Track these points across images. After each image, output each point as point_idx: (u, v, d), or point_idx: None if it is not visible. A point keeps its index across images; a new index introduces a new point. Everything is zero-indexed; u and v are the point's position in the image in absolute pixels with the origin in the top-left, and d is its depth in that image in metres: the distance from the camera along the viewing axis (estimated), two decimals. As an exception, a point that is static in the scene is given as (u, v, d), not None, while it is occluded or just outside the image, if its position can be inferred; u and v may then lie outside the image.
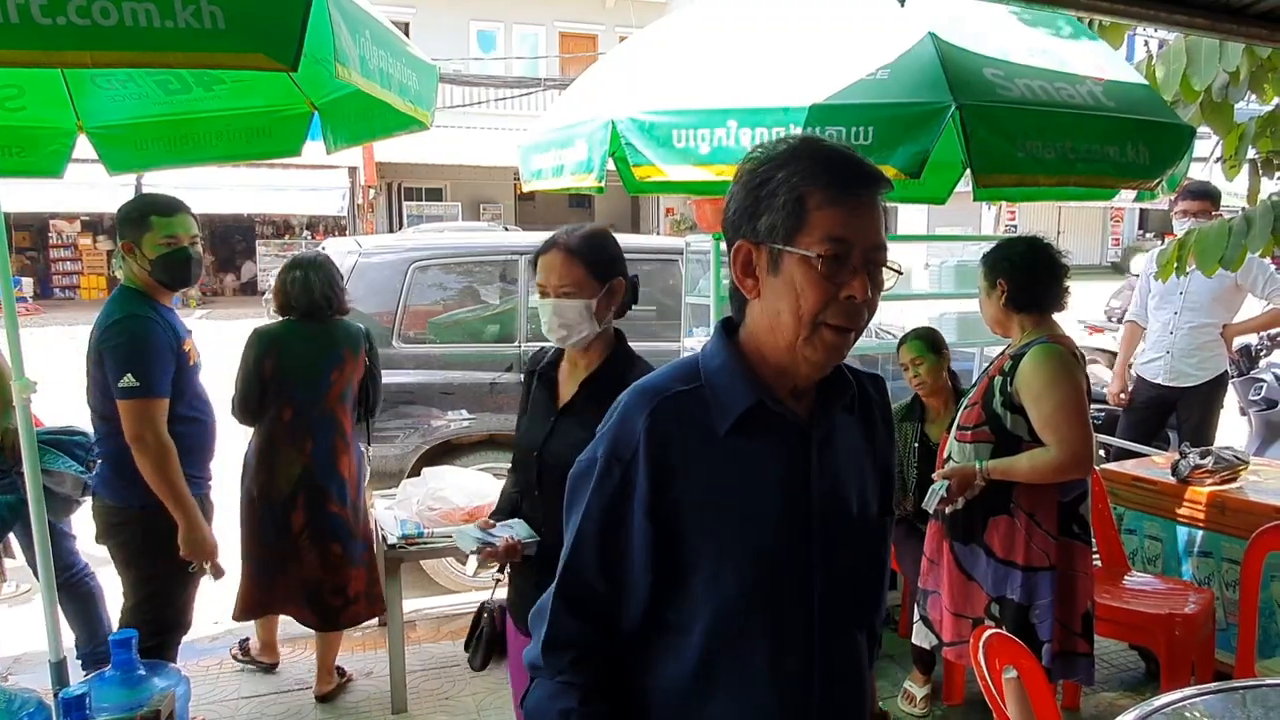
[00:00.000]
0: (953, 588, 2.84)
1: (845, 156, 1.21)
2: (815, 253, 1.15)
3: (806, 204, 1.16)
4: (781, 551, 1.22)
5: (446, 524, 3.52)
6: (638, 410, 1.21)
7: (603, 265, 2.04)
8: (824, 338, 1.18)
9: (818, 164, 1.18)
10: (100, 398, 2.82)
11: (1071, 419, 2.58)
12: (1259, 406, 5.36)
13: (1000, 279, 2.76)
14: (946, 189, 4.34)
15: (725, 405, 1.21)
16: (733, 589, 1.21)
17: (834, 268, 1.16)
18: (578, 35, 23.21)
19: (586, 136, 3.05)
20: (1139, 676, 3.72)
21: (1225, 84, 3.74)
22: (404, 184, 22.12)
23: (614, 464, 1.21)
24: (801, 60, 2.89)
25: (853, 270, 1.16)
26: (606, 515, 1.21)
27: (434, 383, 4.71)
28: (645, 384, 1.26)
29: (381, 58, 2.38)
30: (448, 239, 6.59)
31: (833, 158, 1.19)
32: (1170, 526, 3.66)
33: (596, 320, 2.02)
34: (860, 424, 1.34)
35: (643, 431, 1.19)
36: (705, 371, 1.25)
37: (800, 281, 1.17)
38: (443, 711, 3.49)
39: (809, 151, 1.20)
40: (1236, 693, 2.11)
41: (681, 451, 1.20)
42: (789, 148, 1.21)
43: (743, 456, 1.21)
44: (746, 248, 1.22)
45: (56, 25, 1.69)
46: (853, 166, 1.20)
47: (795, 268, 1.17)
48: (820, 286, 1.16)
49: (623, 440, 1.21)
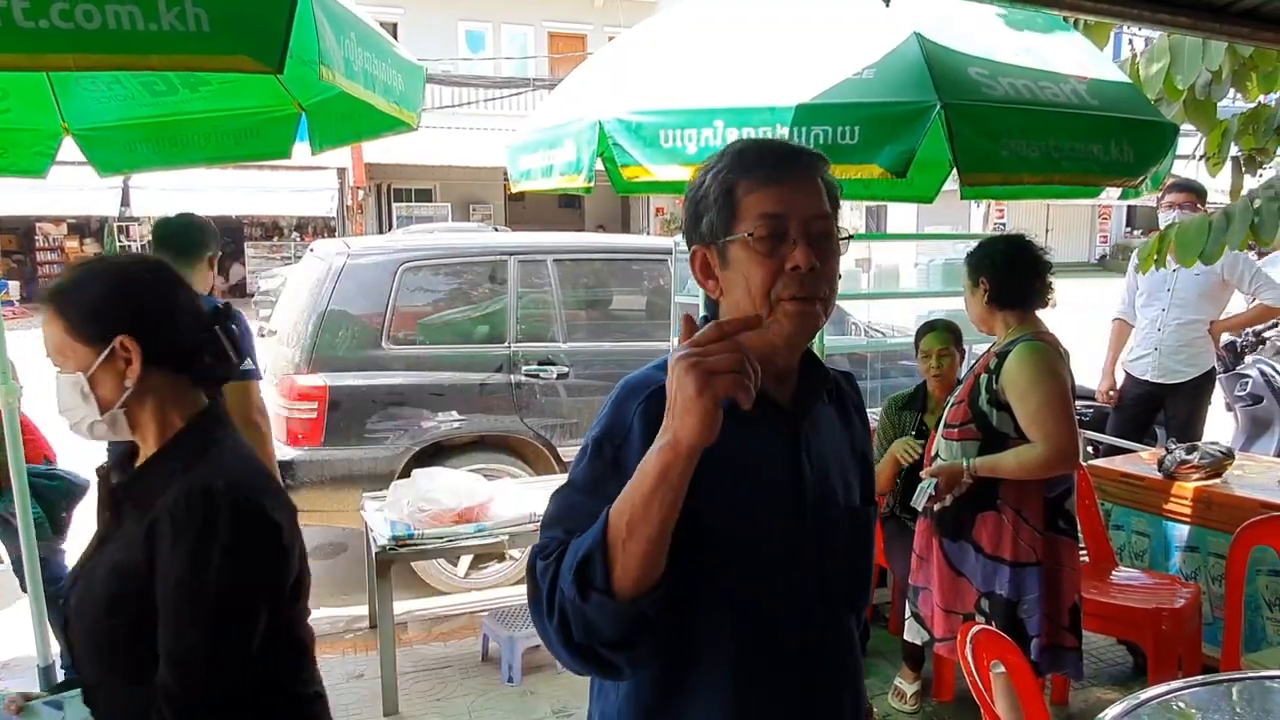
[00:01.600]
0: (943, 584, 2.86)
1: (768, 144, 1.27)
2: (748, 232, 1.20)
3: (735, 194, 1.22)
4: (775, 539, 1.24)
5: (437, 525, 3.52)
6: (630, 400, 1.21)
7: (94, 318, 1.40)
8: (785, 310, 1.20)
9: (741, 156, 1.23)
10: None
11: (1056, 415, 2.60)
12: (1244, 402, 5.39)
13: (982, 277, 2.79)
14: (934, 188, 4.35)
15: None
16: (728, 577, 1.21)
17: (771, 243, 1.19)
18: (566, 35, 23.20)
19: (574, 137, 3.06)
20: (1126, 671, 3.74)
21: (1208, 82, 3.77)
22: (393, 185, 22.06)
23: (605, 444, 1.20)
24: (787, 60, 2.90)
25: (792, 242, 1.19)
26: (595, 479, 1.18)
27: (424, 384, 4.70)
28: (636, 377, 1.27)
29: (366, 59, 2.37)
30: (437, 240, 6.59)
31: (755, 147, 1.25)
32: (1157, 522, 3.69)
33: (98, 400, 1.40)
34: (837, 416, 1.37)
35: (637, 415, 1.19)
36: None
37: (745, 264, 1.20)
38: (435, 713, 3.49)
39: (733, 149, 1.25)
40: (1223, 685, 2.13)
41: None
42: (717, 153, 1.27)
43: (735, 445, 1.19)
44: (700, 252, 1.27)
45: (39, 28, 1.68)
46: (775, 149, 1.25)
47: (738, 254, 1.21)
48: (761, 263, 1.19)
49: (615, 424, 1.21)
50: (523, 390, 4.85)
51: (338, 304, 4.63)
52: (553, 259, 5.15)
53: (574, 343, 5.04)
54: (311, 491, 4.49)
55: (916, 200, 4.59)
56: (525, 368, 4.87)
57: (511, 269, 5.00)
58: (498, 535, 3.59)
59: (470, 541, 3.61)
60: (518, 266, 5.03)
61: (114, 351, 1.39)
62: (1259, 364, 5.40)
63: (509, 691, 3.62)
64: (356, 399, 4.58)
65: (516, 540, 3.68)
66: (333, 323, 4.60)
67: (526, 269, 5.07)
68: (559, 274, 5.13)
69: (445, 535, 3.52)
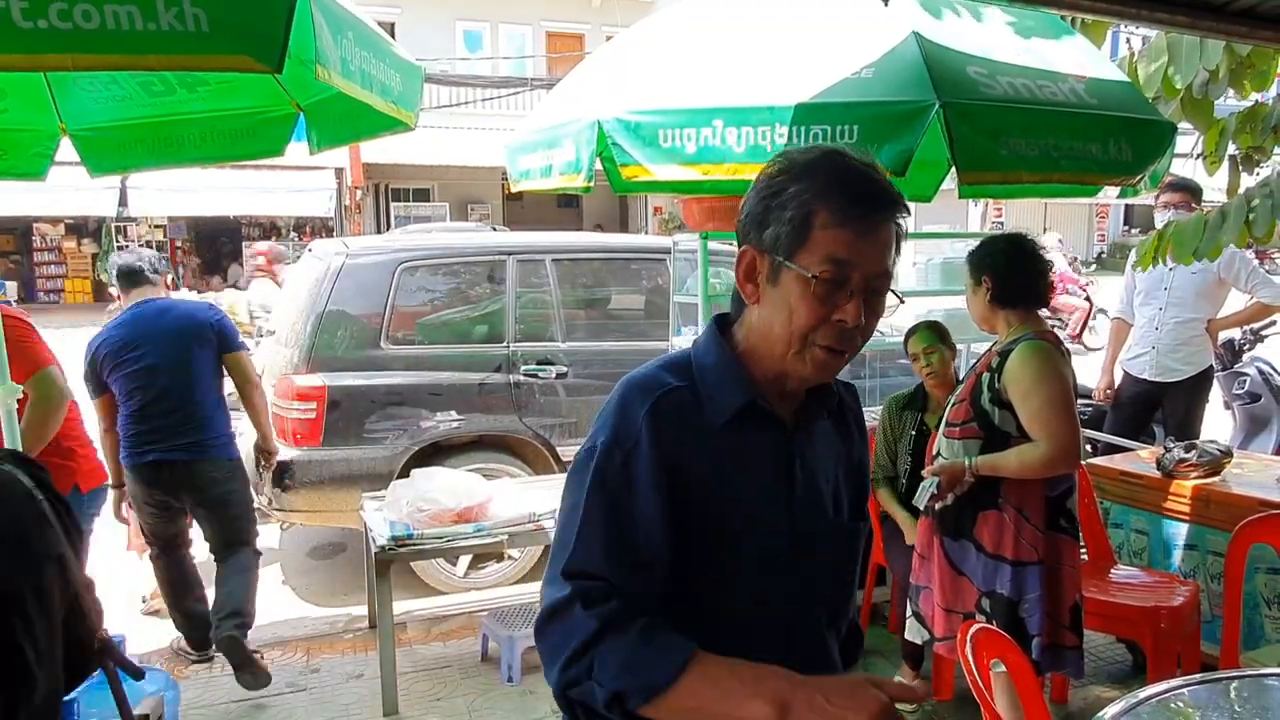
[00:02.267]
0: (944, 583, 2.85)
1: (863, 176, 1.19)
2: (812, 273, 1.16)
3: (813, 221, 1.16)
4: (764, 548, 1.24)
5: (436, 525, 3.51)
6: (638, 402, 1.20)
7: None
8: (814, 355, 1.19)
9: (832, 182, 1.17)
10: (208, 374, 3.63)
11: (1059, 414, 2.60)
12: (1242, 400, 5.40)
13: (985, 276, 2.78)
14: (932, 187, 4.36)
15: (718, 402, 1.22)
16: (727, 582, 1.22)
17: (830, 290, 1.16)
18: (564, 35, 23.18)
19: (573, 137, 3.05)
20: (1126, 669, 3.74)
21: (1205, 81, 3.77)
22: (391, 185, 22.02)
23: (614, 450, 1.18)
24: (787, 59, 2.90)
25: (849, 294, 1.16)
26: (612, 497, 1.17)
27: (423, 384, 4.70)
28: (640, 378, 1.25)
29: (364, 59, 2.37)
30: (435, 240, 6.58)
31: (849, 177, 1.18)
32: (1156, 520, 3.69)
33: None
34: (837, 429, 1.37)
35: (645, 420, 1.18)
36: (698, 368, 1.26)
37: (795, 298, 1.17)
38: (434, 713, 3.49)
39: (827, 167, 1.19)
40: (1222, 683, 2.13)
41: (683, 442, 1.19)
42: (809, 160, 1.20)
43: (735, 452, 1.22)
44: (751, 254, 1.22)
45: (37, 28, 1.68)
46: (867, 188, 1.18)
47: (792, 283, 1.17)
48: (813, 307, 1.16)
49: (623, 428, 1.19)
50: (521, 390, 4.85)
51: (336, 304, 4.63)
52: (551, 258, 5.15)
53: (573, 342, 5.04)
54: (310, 492, 4.50)
55: (914, 199, 4.59)
56: (524, 367, 4.87)
57: (510, 269, 5.00)
58: (497, 535, 3.59)
59: (469, 541, 3.61)
60: (516, 266, 5.03)
61: None
62: (1257, 362, 5.41)
63: (509, 691, 3.62)
64: (355, 399, 4.58)
65: (516, 540, 3.68)
66: (331, 323, 4.60)
67: (525, 269, 5.07)
68: (558, 273, 5.13)
69: (444, 535, 3.52)
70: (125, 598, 4.50)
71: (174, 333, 3.62)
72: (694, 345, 1.31)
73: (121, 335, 3.61)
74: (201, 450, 3.60)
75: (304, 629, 4.35)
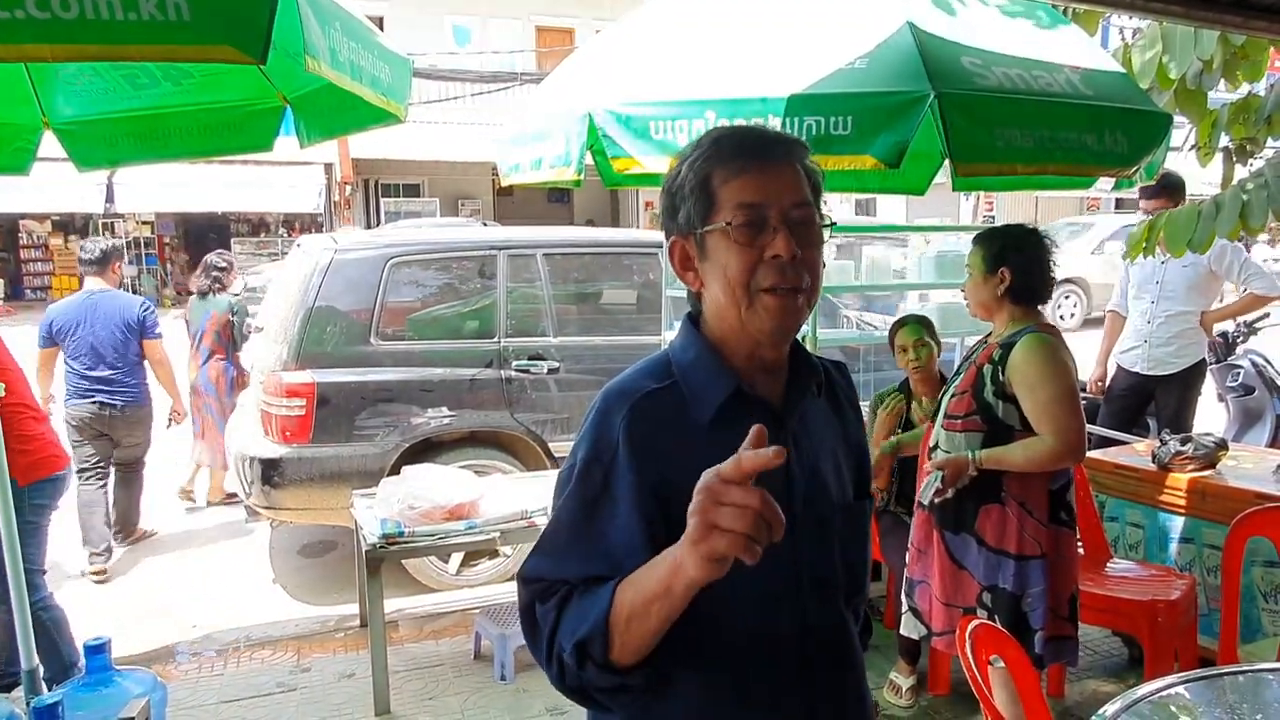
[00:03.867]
0: (943, 577, 2.81)
1: (746, 131, 1.24)
2: (727, 221, 1.17)
3: (712, 183, 1.19)
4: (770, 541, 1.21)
5: (428, 523, 3.48)
6: (615, 411, 1.19)
7: None
8: (765, 303, 1.18)
9: (718, 145, 1.21)
10: (130, 346, 4.97)
11: (1066, 408, 2.57)
12: (1236, 393, 5.40)
13: (1004, 269, 2.71)
14: (925, 180, 4.33)
15: (703, 397, 1.21)
16: (723, 582, 1.18)
17: (750, 232, 1.17)
18: (555, 29, 23.09)
19: (564, 129, 3.02)
20: (1122, 663, 3.74)
21: (1199, 72, 3.76)
22: (381, 180, 21.93)
23: (593, 465, 1.18)
24: (780, 50, 2.87)
25: (772, 230, 1.17)
26: (586, 509, 1.17)
27: (413, 380, 4.66)
28: (618, 385, 1.24)
29: (352, 50, 2.33)
30: (425, 235, 6.53)
31: (731, 135, 1.23)
32: (1152, 513, 3.68)
33: None
34: (830, 409, 1.35)
35: (622, 430, 1.16)
36: (678, 367, 1.24)
37: (723, 254, 1.19)
38: (427, 712, 3.46)
39: (709, 138, 1.23)
40: (1220, 679, 2.11)
41: (665, 449, 1.17)
42: (694, 142, 1.24)
43: (725, 448, 1.17)
44: (678, 244, 1.25)
45: (14, 19, 1.64)
46: (752, 137, 1.23)
47: (718, 244, 1.19)
48: (740, 252, 1.17)
49: (601, 441, 1.18)
50: (513, 385, 4.82)
51: (325, 300, 4.58)
52: (542, 253, 5.11)
53: (564, 337, 5.01)
54: (300, 489, 4.45)
55: (908, 192, 4.57)
56: (516, 363, 4.83)
57: (501, 264, 4.96)
58: (489, 532, 3.56)
59: (461, 539, 3.58)
60: (507, 261, 4.99)
61: None
62: (1250, 355, 5.40)
63: (502, 689, 3.59)
64: (345, 395, 4.53)
65: (508, 537, 3.65)
66: (321, 319, 4.56)
67: (516, 264, 5.03)
68: (549, 268, 5.09)
69: (436, 533, 3.49)
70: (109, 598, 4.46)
71: (112, 317, 4.94)
72: (671, 344, 1.30)
73: (74, 315, 4.93)
74: (125, 398, 4.99)
75: (294, 628, 4.31)
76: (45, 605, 3.35)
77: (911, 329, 3.66)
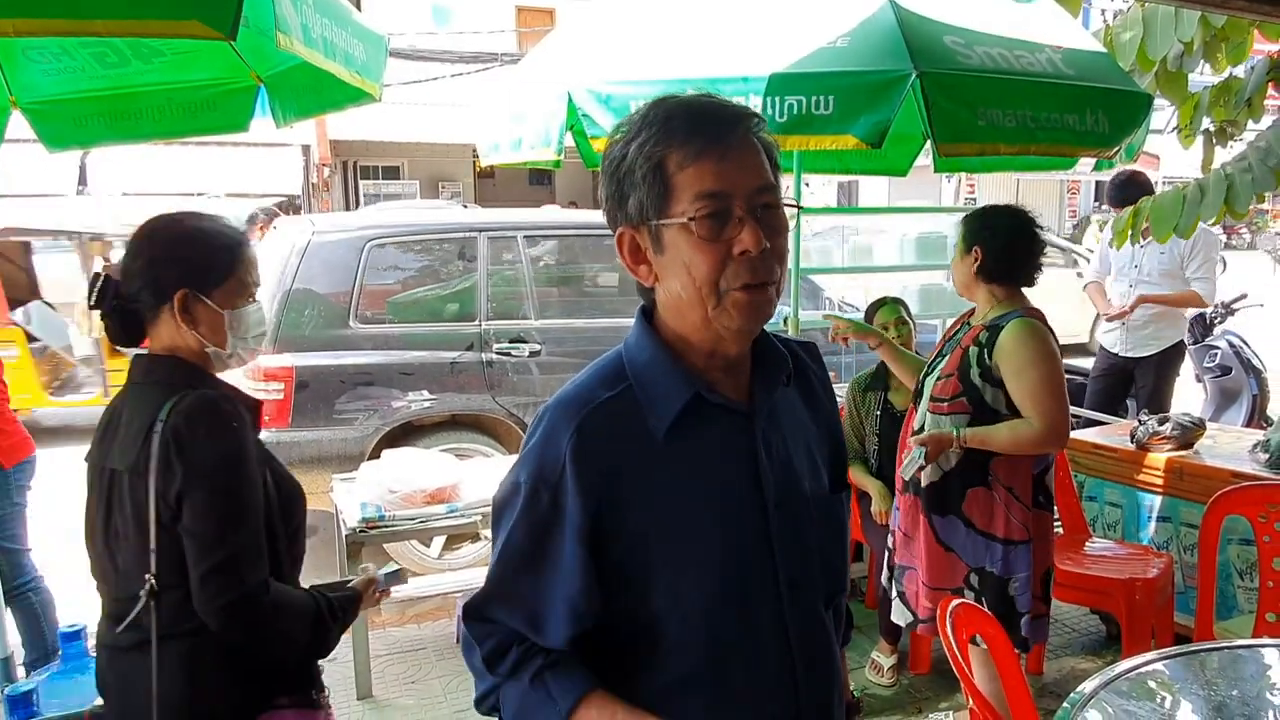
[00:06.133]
0: (931, 561, 2.78)
1: (696, 105, 1.10)
2: (689, 215, 1.06)
3: (666, 168, 1.07)
4: (742, 546, 1.16)
5: (408, 507, 3.46)
6: (562, 427, 1.11)
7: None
8: (735, 300, 1.08)
9: (667, 123, 1.08)
10: None
11: (1053, 393, 2.58)
12: (1213, 373, 5.45)
13: (976, 246, 2.71)
14: (907, 161, 4.33)
15: (659, 405, 1.13)
16: (697, 594, 1.14)
17: (714, 226, 1.06)
18: (535, 10, 22.87)
19: (544, 109, 2.99)
20: (1100, 640, 3.78)
21: (1180, 54, 3.76)
22: (360, 162, 21.71)
23: (540, 488, 1.12)
24: (760, 28, 2.84)
25: (738, 222, 1.06)
26: (535, 541, 1.13)
27: (393, 363, 4.62)
28: (567, 395, 1.16)
29: (325, 26, 2.28)
30: (404, 217, 6.47)
31: (682, 112, 1.09)
32: (1130, 493, 3.71)
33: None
34: (800, 396, 1.26)
35: (568, 450, 1.09)
36: (632, 370, 1.16)
37: (686, 251, 1.07)
38: (409, 695, 3.45)
39: (657, 114, 1.09)
40: (1197, 656, 2.13)
41: (616, 465, 1.11)
42: (640, 116, 1.11)
43: (686, 456, 1.13)
44: (627, 234, 1.14)
45: (-27, -8, 1.59)
46: (704, 113, 1.09)
47: (677, 239, 1.08)
48: (707, 250, 1.06)
49: (548, 461, 1.11)
50: (494, 368, 4.79)
51: (303, 283, 4.53)
52: (523, 235, 5.08)
53: (546, 320, 4.98)
54: (280, 474, 4.41)
55: (890, 173, 4.58)
56: (497, 346, 4.80)
57: (481, 246, 4.92)
58: (470, 516, 3.54)
59: (443, 523, 3.56)
60: (487, 243, 4.95)
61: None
62: (1228, 336, 5.46)
63: (484, 673, 3.58)
64: (324, 379, 4.49)
65: (490, 521, 3.63)
66: (298, 302, 4.50)
67: (496, 246, 4.99)
68: (530, 251, 5.05)
69: (417, 516, 3.46)
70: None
71: None
72: (624, 344, 1.20)
73: None
74: None
75: (275, 613, 4.28)
76: (35, 587, 3.34)
77: (890, 309, 3.67)
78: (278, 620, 1.62)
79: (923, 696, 3.35)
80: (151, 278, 1.65)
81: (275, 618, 1.61)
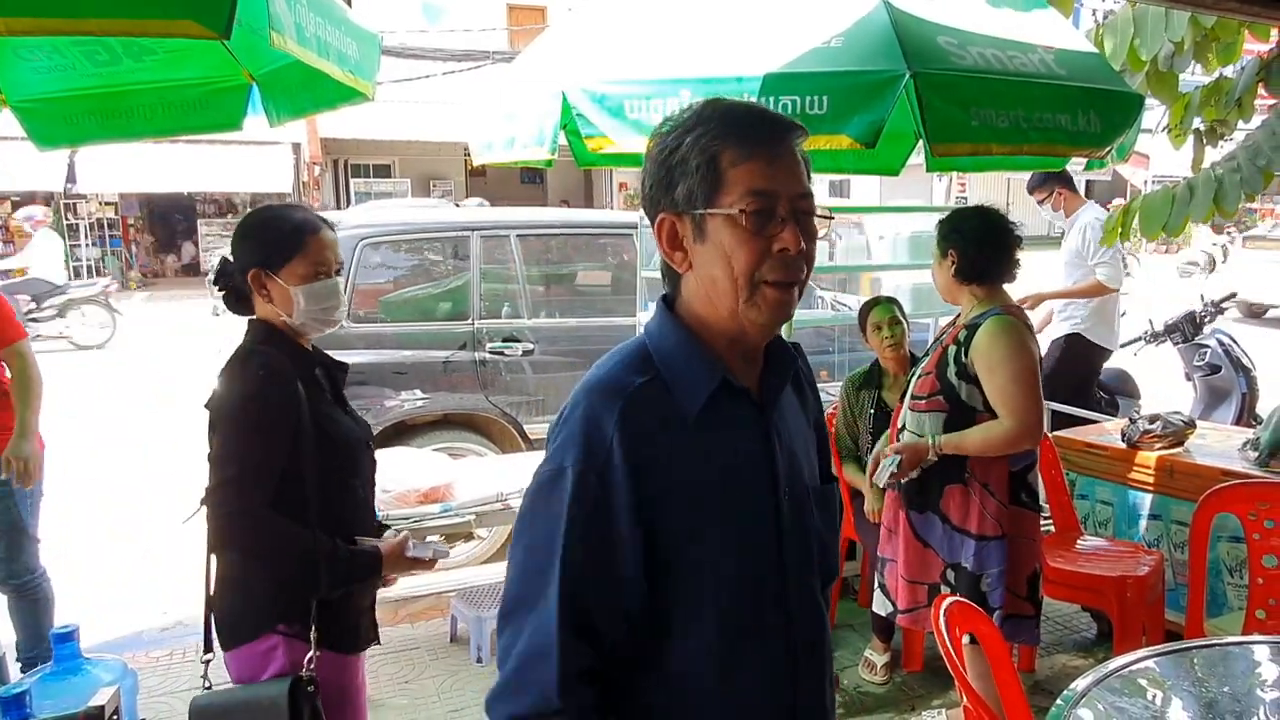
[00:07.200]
0: (909, 555, 2.85)
1: (753, 110, 1.20)
2: (739, 209, 1.13)
3: (720, 163, 1.14)
4: (758, 529, 1.21)
5: (402, 506, 3.45)
6: (605, 411, 1.14)
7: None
8: (766, 296, 1.15)
9: (725, 122, 1.16)
10: None
11: (1024, 390, 2.60)
12: (1203, 372, 5.48)
13: (950, 249, 2.75)
14: (900, 160, 4.33)
15: (689, 390, 1.17)
16: (728, 573, 1.18)
17: (761, 221, 1.13)
18: (526, 8, 22.83)
19: (537, 107, 2.98)
20: (1091, 638, 3.80)
21: (1170, 54, 3.78)
22: (350, 160, 21.64)
23: (588, 472, 1.12)
24: (755, 28, 2.84)
25: (781, 222, 1.14)
26: (592, 529, 1.12)
27: (386, 362, 4.62)
28: (602, 381, 1.18)
29: (319, 25, 2.28)
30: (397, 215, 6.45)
31: (739, 113, 1.18)
32: (1121, 491, 3.73)
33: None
34: (797, 395, 1.35)
35: (615, 432, 1.12)
36: (658, 356, 1.20)
37: (729, 242, 1.14)
38: (403, 695, 3.45)
39: (714, 112, 1.17)
40: (1188, 653, 2.15)
41: (656, 447, 1.14)
42: (694, 112, 1.18)
43: (712, 440, 1.18)
44: (669, 220, 1.19)
45: (-34, -9, 1.58)
46: (762, 119, 1.19)
47: (721, 229, 1.14)
48: (750, 243, 1.13)
49: (595, 445, 1.13)
50: (487, 367, 4.78)
51: (295, 282, 4.51)
52: (516, 234, 5.07)
53: (539, 319, 4.98)
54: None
55: (882, 172, 4.57)
56: (490, 345, 4.80)
57: (474, 245, 4.92)
58: (464, 515, 3.53)
59: (436, 522, 3.55)
60: (480, 242, 4.94)
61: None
62: (1217, 334, 5.49)
63: (479, 672, 3.59)
64: (317, 379, 4.47)
65: (483, 520, 3.63)
66: (291, 301, 4.49)
67: (489, 245, 4.98)
68: (523, 250, 5.05)
69: (410, 516, 3.46)
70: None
71: None
72: (647, 331, 1.24)
73: None
74: None
75: (268, 613, 4.27)
76: (45, 577, 3.35)
77: (884, 308, 3.68)
78: (266, 541, 1.85)
79: (915, 694, 3.36)
80: (237, 259, 1.99)
81: (263, 538, 1.85)
